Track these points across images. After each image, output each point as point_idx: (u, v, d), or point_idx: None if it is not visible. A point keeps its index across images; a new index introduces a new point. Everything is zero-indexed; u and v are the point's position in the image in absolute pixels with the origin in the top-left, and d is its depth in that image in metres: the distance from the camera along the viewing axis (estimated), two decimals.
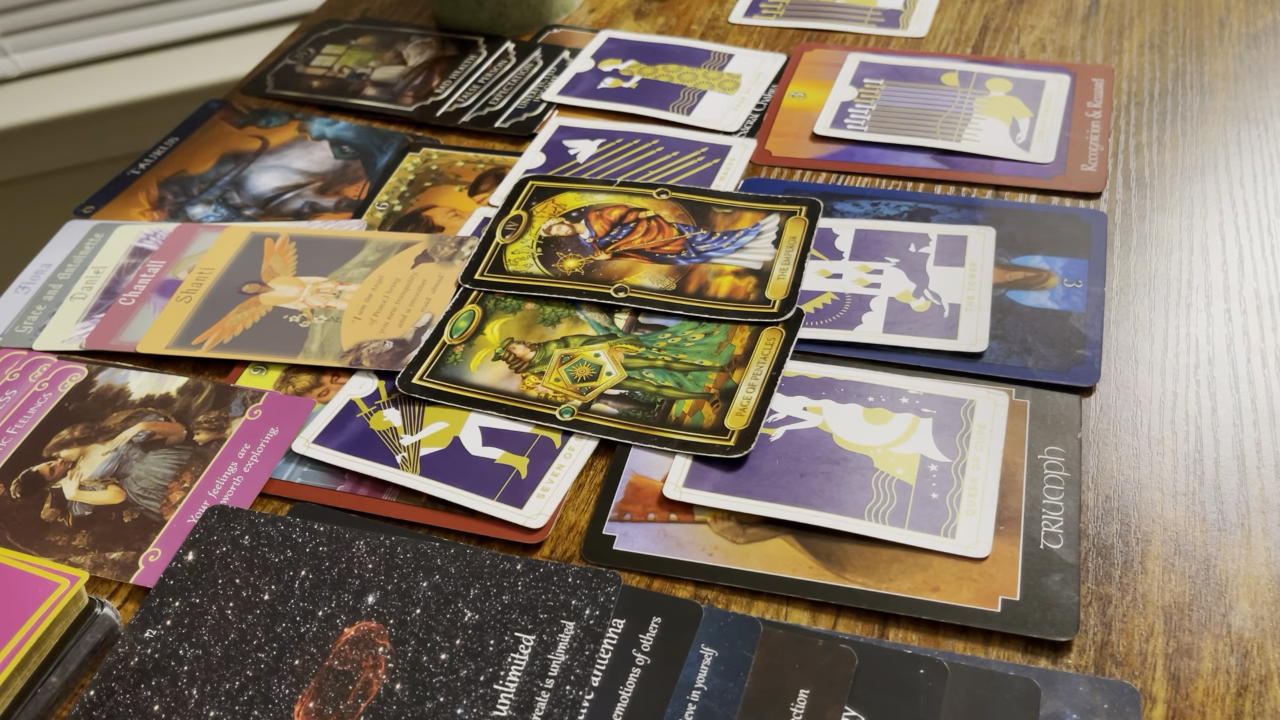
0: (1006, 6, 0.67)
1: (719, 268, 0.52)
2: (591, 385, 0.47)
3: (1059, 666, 0.35)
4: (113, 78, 1.11)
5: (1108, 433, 0.42)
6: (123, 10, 1.11)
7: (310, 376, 0.50)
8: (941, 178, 0.56)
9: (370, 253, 0.56)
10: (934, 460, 0.42)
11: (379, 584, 0.40)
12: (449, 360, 0.49)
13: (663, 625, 0.38)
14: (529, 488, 0.43)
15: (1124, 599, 0.37)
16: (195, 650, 0.39)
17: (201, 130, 0.68)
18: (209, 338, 0.52)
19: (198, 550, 0.42)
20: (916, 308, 0.48)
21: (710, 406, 0.45)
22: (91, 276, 0.57)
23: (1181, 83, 0.59)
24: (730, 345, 0.48)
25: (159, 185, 0.63)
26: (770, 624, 0.37)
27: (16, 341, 0.54)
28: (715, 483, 0.42)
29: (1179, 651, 0.35)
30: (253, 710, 0.37)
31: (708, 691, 0.36)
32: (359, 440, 0.46)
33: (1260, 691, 0.34)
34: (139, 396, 0.50)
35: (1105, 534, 0.39)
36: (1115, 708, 0.34)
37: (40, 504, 0.45)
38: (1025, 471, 0.41)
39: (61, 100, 1.09)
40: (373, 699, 0.37)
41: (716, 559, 0.40)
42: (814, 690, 0.35)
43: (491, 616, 0.38)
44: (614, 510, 0.42)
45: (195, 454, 0.47)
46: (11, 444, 0.48)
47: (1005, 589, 0.37)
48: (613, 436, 0.45)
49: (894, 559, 0.39)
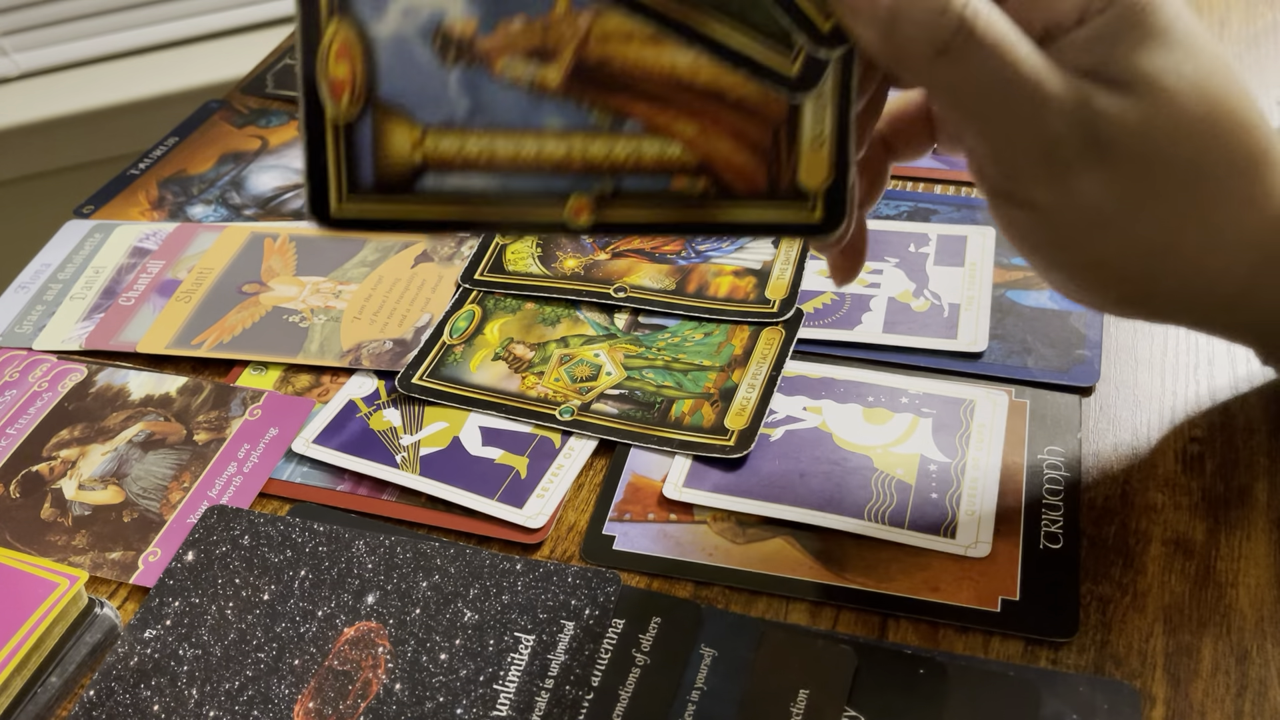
0: None
1: (719, 267, 0.52)
2: (591, 385, 0.47)
3: (1059, 666, 0.35)
4: (113, 78, 1.11)
5: (1108, 433, 0.42)
6: (123, 10, 1.11)
7: (310, 376, 0.50)
8: (941, 177, 0.56)
9: (370, 252, 0.56)
10: (934, 460, 0.42)
11: (379, 584, 0.40)
12: (449, 360, 0.49)
13: (663, 625, 0.38)
14: (529, 488, 0.43)
15: (1124, 599, 0.37)
16: (195, 650, 0.39)
17: (201, 130, 0.68)
18: (209, 338, 0.52)
19: (197, 550, 0.42)
20: (916, 308, 0.48)
21: (710, 406, 0.45)
22: (91, 276, 0.57)
23: None
24: (730, 345, 0.48)
25: (159, 185, 0.63)
26: (770, 624, 0.37)
27: (16, 341, 0.54)
28: (715, 483, 0.42)
29: (1179, 651, 0.35)
30: (252, 710, 0.37)
31: (708, 691, 0.36)
32: (359, 440, 0.46)
33: (1260, 692, 0.34)
34: (139, 396, 0.50)
35: (1105, 534, 0.39)
36: (1115, 708, 0.34)
37: (40, 504, 0.45)
38: (1025, 471, 0.41)
39: (61, 100, 1.09)
40: (372, 699, 0.37)
41: (716, 559, 0.40)
42: (814, 690, 0.35)
43: (491, 616, 0.38)
44: (614, 510, 0.42)
45: (195, 454, 0.47)
46: (11, 444, 0.48)
47: (1005, 589, 0.37)
48: (612, 436, 0.45)
49: (894, 559, 0.39)
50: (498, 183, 0.31)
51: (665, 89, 0.30)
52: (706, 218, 0.32)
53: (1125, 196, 0.32)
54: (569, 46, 0.30)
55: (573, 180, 0.31)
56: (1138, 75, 0.31)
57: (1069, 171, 0.32)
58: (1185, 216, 0.33)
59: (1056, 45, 0.31)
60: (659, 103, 0.30)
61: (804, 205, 0.31)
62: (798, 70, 0.30)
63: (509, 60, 0.30)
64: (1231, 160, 0.32)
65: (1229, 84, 0.32)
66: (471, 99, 0.30)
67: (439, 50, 0.30)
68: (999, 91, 0.30)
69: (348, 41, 0.30)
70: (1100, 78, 0.31)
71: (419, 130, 0.30)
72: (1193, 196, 0.32)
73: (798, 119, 0.31)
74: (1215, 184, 0.33)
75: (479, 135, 0.30)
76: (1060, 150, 0.31)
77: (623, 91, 0.30)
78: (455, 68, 0.30)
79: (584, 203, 0.31)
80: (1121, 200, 0.32)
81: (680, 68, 0.30)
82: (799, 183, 0.31)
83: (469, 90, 0.30)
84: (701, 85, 0.30)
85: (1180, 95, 0.31)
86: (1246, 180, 0.33)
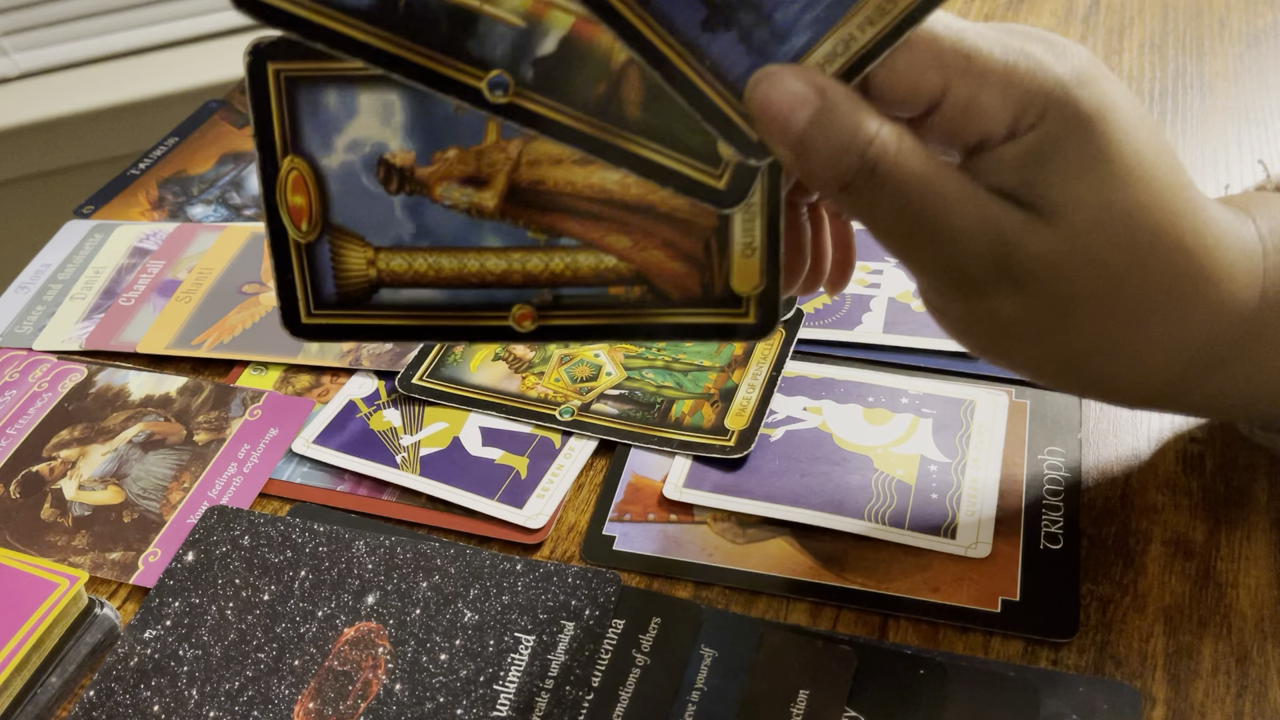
0: (1006, 6, 0.67)
1: None
2: (591, 385, 0.47)
3: (1059, 667, 0.35)
4: (113, 78, 1.11)
5: (1108, 433, 0.42)
6: (122, 10, 1.11)
7: (310, 376, 0.50)
8: None
9: None
10: (934, 460, 0.42)
11: (379, 584, 0.40)
12: (449, 360, 0.49)
13: (663, 625, 0.38)
14: (529, 488, 0.43)
15: (1124, 599, 0.37)
16: (195, 650, 0.39)
17: (201, 130, 0.68)
18: (209, 338, 0.52)
19: (197, 550, 0.42)
20: (916, 308, 0.48)
21: (710, 407, 0.45)
22: (91, 276, 0.57)
23: (1182, 82, 0.59)
24: (730, 345, 0.48)
25: (159, 185, 0.63)
26: (770, 624, 0.37)
27: (16, 341, 0.54)
28: (715, 483, 0.42)
29: (1179, 652, 0.35)
30: (252, 711, 0.37)
31: (708, 691, 0.36)
32: (359, 440, 0.46)
33: (1260, 692, 0.34)
34: (139, 397, 0.50)
35: (1105, 534, 0.39)
36: (1115, 708, 0.34)
37: (40, 504, 0.45)
38: (1025, 471, 0.41)
39: (61, 100, 1.09)
40: (372, 699, 0.37)
41: (716, 559, 0.40)
42: (814, 690, 0.35)
43: (491, 617, 0.38)
44: (614, 510, 0.42)
45: (195, 454, 0.47)
46: (11, 444, 0.48)
47: (1005, 589, 0.37)
48: (613, 436, 0.45)
49: (894, 559, 0.39)
50: (446, 295, 0.33)
51: (597, 206, 0.32)
52: (646, 321, 0.33)
53: (1040, 319, 0.32)
54: (501, 172, 0.32)
55: (515, 292, 0.33)
56: (1058, 204, 0.30)
57: (983, 293, 0.31)
58: (1104, 334, 0.32)
59: (985, 158, 0.30)
60: (591, 219, 0.32)
61: (739, 309, 0.33)
62: (725, 185, 0.31)
63: (447, 187, 0.32)
64: (1156, 284, 0.31)
65: (1164, 211, 0.30)
66: (416, 223, 0.32)
67: (383, 180, 0.32)
68: (906, 224, 0.30)
69: (302, 174, 0.32)
70: (1022, 200, 0.30)
71: (371, 251, 0.32)
72: (1112, 320, 0.31)
73: (728, 229, 0.32)
74: (1136, 307, 0.31)
75: (425, 254, 0.33)
76: (972, 276, 0.31)
77: (555, 211, 0.32)
78: (399, 195, 0.32)
79: (527, 311, 0.33)
80: (1037, 321, 0.32)
81: (610, 185, 0.32)
82: (732, 288, 0.32)
83: (413, 215, 0.32)
84: (632, 200, 0.32)
85: (1101, 227, 0.30)
86: (1174, 298, 0.31)
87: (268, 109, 0.31)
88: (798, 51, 0.29)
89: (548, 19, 0.30)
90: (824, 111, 0.29)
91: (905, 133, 0.30)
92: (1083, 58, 0.30)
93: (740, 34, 0.29)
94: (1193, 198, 0.31)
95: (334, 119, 0.32)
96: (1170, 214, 0.31)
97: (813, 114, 0.29)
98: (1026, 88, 0.29)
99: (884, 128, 0.29)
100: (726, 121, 0.30)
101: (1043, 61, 0.29)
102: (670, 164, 0.31)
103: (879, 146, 0.29)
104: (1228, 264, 0.32)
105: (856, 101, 0.29)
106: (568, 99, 0.30)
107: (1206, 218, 0.32)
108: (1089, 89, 0.30)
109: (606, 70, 0.30)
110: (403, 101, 0.31)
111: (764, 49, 0.29)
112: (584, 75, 0.30)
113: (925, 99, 0.30)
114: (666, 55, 0.29)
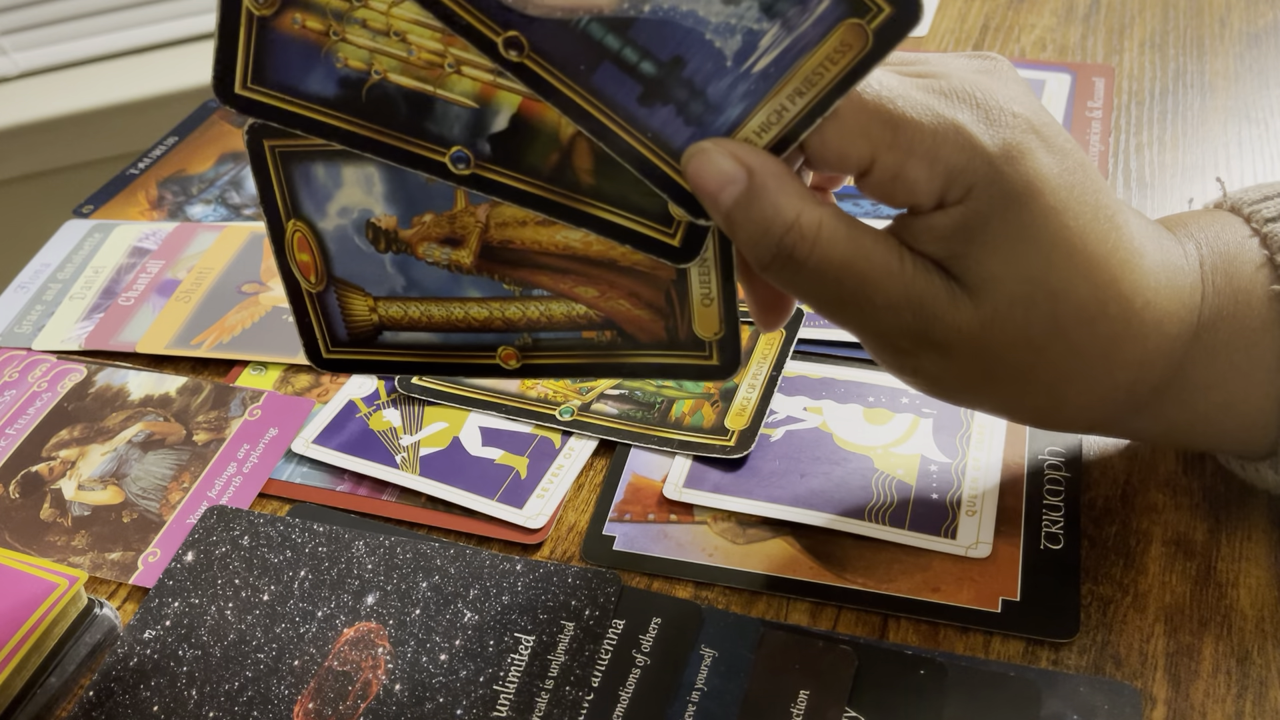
0: (1007, 5, 0.67)
1: None
2: (591, 385, 0.47)
3: (1059, 667, 0.35)
4: (112, 77, 1.11)
5: None
6: (122, 9, 1.11)
7: (310, 376, 0.50)
8: None
9: None
10: (934, 460, 0.42)
11: (378, 584, 0.40)
12: None
13: (663, 625, 0.38)
14: (529, 488, 0.43)
15: (1124, 599, 0.37)
16: (194, 651, 0.39)
17: (201, 130, 0.67)
18: (208, 337, 0.52)
19: (197, 550, 0.42)
20: None
21: (710, 407, 0.45)
22: (91, 276, 0.57)
23: (1182, 82, 0.59)
24: None
25: (158, 185, 0.63)
26: (770, 624, 0.37)
27: (15, 341, 0.54)
28: (715, 483, 0.42)
29: (1179, 652, 0.35)
30: (252, 711, 0.37)
31: (708, 692, 0.36)
32: (359, 440, 0.46)
33: (1260, 692, 0.34)
34: (138, 396, 0.50)
35: (1106, 534, 0.39)
36: (1115, 708, 0.34)
37: (39, 504, 0.45)
38: (1026, 471, 0.41)
39: (61, 99, 1.09)
40: (372, 699, 0.37)
41: (716, 559, 0.40)
42: (814, 690, 0.35)
43: (491, 617, 0.38)
44: (614, 510, 0.42)
45: (194, 454, 0.47)
46: (11, 444, 0.48)
47: (1005, 589, 0.37)
48: (613, 436, 0.45)
49: (894, 559, 0.39)
50: (440, 338, 0.37)
51: (563, 261, 0.35)
52: (620, 361, 0.36)
53: (964, 380, 0.33)
54: (473, 234, 0.35)
55: (498, 335, 0.36)
56: (982, 279, 0.30)
57: (909, 355, 0.32)
58: (1026, 394, 0.33)
59: (917, 223, 0.31)
60: (559, 273, 0.35)
61: (703, 352, 0.35)
62: (679, 242, 0.33)
63: (428, 247, 0.35)
64: (1079, 353, 0.31)
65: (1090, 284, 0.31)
66: (405, 277, 0.36)
67: (372, 240, 0.35)
68: (827, 299, 0.32)
69: (304, 235, 0.36)
70: (950, 270, 0.31)
71: (371, 300, 0.36)
72: (1033, 384, 0.32)
73: (686, 281, 0.34)
74: (1059, 372, 0.32)
75: (417, 303, 0.36)
76: (898, 343, 0.32)
77: (526, 266, 0.35)
78: (387, 253, 0.36)
79: (511, 351, 0.37)
80: (960, 380, 0.33)
81: (573, 243, 0.34)
82: (695, 333, 0.35)
83: (401, 270, 0.36)
84: (595, 256, 0.34)
85: (1023, 303, 0.30)
86: (1097, 362, 0.32)
87: (269, 179, 0.35)
88: (733, 122, 0.30)
89: (497, 99, 0.32)
90: (748, 193, 0.30)
91: (828, 214, 0.30)
92: (1017, 126, 0.30)
93: (678, 107, 0.30)
94: (1125, 259, 0.31)
95: (324, 189, 0.35)
96: (1096, 286, 0.31)
97: (738, 195, 0.30)
98: (952, 164, 0.29)
99: (805, 213, 0.30)
100: (674, 186, 0.31)
101: (971, 136, 0.29)
102: (626, 224, 0.33)
103: (796, 234, 0.30)
104: (1156, 320, 0.32)
105: (783, 181, 0.30)
106: (524, 169, 0.33)
107: (1138, 277, 0.32)
108: (1017, 166, 0.30)
109: (557, 142, 0.32)
110: (381, 174, 0.34)
111: (700, 120, 0.30)
112: (536, 147, 0.32)
113: (855, 167, 0.30)
114: (609, 127, 0.31)
